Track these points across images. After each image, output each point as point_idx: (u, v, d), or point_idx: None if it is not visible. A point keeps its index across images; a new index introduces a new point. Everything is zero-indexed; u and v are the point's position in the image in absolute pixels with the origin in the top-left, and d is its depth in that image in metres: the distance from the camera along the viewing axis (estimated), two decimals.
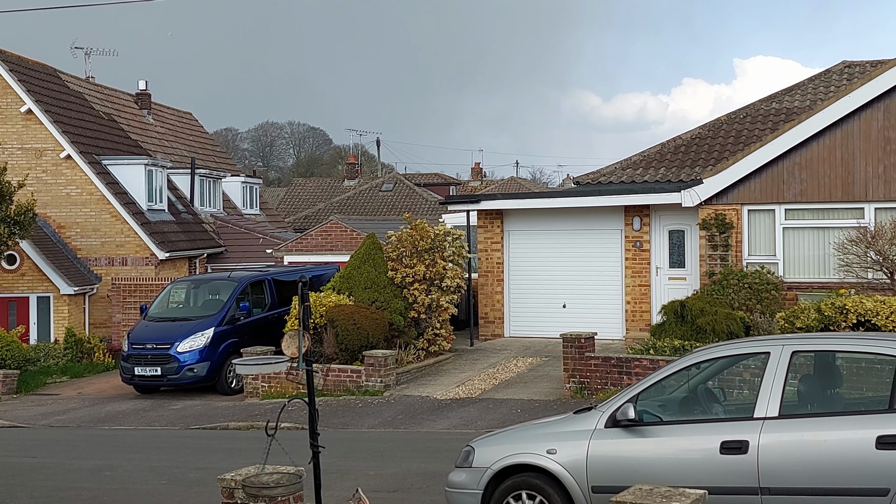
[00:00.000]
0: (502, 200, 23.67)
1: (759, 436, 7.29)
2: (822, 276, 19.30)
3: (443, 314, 20.91)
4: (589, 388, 16.80)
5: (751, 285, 18.85)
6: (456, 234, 21.71)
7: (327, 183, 58.04)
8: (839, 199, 19.38)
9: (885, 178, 19.04)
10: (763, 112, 24.02)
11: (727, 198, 20.09)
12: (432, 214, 38.38)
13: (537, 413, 14.89)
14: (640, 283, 21.97)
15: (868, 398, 7.88)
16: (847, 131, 19.26)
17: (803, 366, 7.93)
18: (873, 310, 15.53)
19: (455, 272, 21.14)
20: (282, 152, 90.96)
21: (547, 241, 22.98)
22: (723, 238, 20.02)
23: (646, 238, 21.93)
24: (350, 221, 29.23)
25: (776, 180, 19.77)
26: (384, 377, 18.28)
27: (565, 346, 17.18)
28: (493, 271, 23.36)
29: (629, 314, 22.05)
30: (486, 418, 15.47)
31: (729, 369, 8.81)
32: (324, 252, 27.32)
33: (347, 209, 45.55)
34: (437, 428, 15.28)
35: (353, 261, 20.83)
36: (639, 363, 16.41)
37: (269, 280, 22.42)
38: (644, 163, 23.77)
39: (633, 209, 21.90)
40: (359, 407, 17.19)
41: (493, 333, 23.32)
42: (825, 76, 24.71)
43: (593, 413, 8.19)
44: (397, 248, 20.97)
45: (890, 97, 18.93)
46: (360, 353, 18.71)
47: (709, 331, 17.07)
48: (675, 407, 8.26)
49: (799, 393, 7.81)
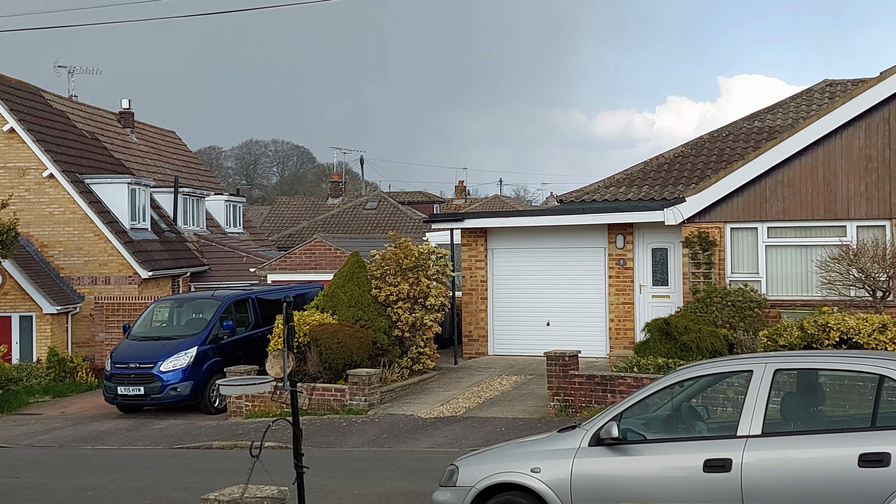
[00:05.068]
0: (486, 219, 23.71)
1: (743, 454, 7.30)
2: (804, 294, 19.38)
3: (427, 332, 20.90)
4: (573, 406, 16.80)
5: (734, 303, 18.91)
6: (440, 252, 21.72)
7: (311, 201, 58.02)
8: (821, 216, 19.49)
9: (867, 196, 19.16)
10: (745, 130, 24.17)
11: (710, 216, 20.18)
12: (416, 232, 38.39)
13: (521, 431, 14.88)
14: (624, 301, 22.02)
15: (851, 416, 7.91)
16: (829, 149, 19.39)
17: (786, 383, 7.96)
18: (856, 327, 15.60)
19: (439, 290, 21.14)
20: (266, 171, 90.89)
21: (531, 259, 23.03)
22: (706, 256, 20.09)
23: (629, 256, 21.99)
24: (334, 240, 29.21)
25: (759, 198, 19.87)
26: (368, 396, 18.23)
27: (549, 364, 17.19)
28: (477, 289, 23.37)
29: (613, 332, 22.08)
30: (470, 437, 15.44)
31: (712, 387, 8.84)
32: (307, 270, 27.28)
33: (331, 227, 45.54)
34: (422, 447, 15.24)
35: (337, 279, 20.80)
36: (623, 381, 16.43)
37: (252, 299, 22.36)
38: (627, 181, 23.86)
39: (617, 227, 21.96)
40: (343, 426, 17.13)
41: (477, 351, 23.30)
42: (807, 95, 24.89)
43: (577, 431, 8.19)
44: (381, 267, 20.96)
45: (871, 116, 19.08)
46: (344, 372, 18.66)
47: (693, 349, 17.10)
48: (658, 425, 8.27)
49: (782, 411, 7.83)
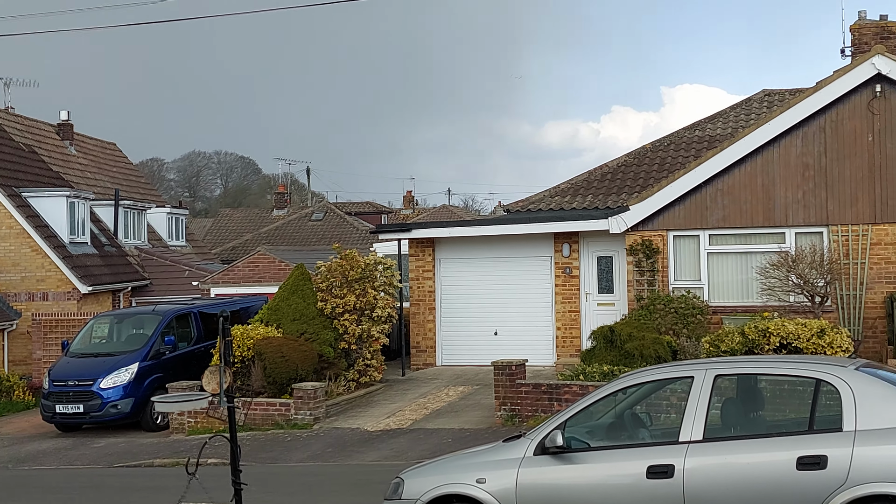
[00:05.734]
0: (433, 229, 23.70)
1: (685, 459, 7.34)
2: (745, 300, 19.63)
3: (374, 344, 20.79)
4: (520, 415, 16.81)
5: (677, 310, 19.09)
6: (387, 262, 21.64)
7: (255, 213, 57.54)
8: (760, 224, 19.77)
9: (804, 204, 19.47)
10: (686, 140, 24.45)
11: (653, 224, 20.36)
12: (363, 243, 38.27)
13: (468, 442, 14.84)
14: (570, 309, 22.12)
15: (789, 420, 8.00)
16: (767, 158, 19.68)
17: (726, 389, 8.03)
18: (795, 332, 15.81)
19: (386, 301, 21.05)
20: (209, 182, 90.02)
21: (478, 269, 23.05)
22: (649, 263, 20.27)
23: (575, 264, 22.11)
24: (278, 252, 29.00)
25: (700, 206, 20.10)
26: (313, 410, 18.08)
27: (496, 374, 17.19)
28: (425, 300, 23.33)
29: (560, 340, 22.18)
30: (416, 449, 15.36)
31: (655, 394, 8.89)
32: (251, 283, 27.04)
33: (276, 239, 45.21)
34: (367, 460, 15.14)
35: (282, 292, 20.63)
36: (569, 389, 16.47)
37: (195, 313, 22.09)
38: (572, 190, 24.01)
39: (563, 236, 22.08)
40: (287, 441, 16.96)
41: (424, 362, 23.25)
42: (746, 104, 25.26)
43: (522, 441, 8.18)
44: (327, 279, 20.82)
45: (808, 125, 19.40)
46: (289, 386, 18.49)
47: (637, 355, 17.22)
48: (602, 433, 8.29)
49: (722, 416, 7.89)
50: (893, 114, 18.95)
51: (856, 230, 19.11)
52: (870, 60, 18.83)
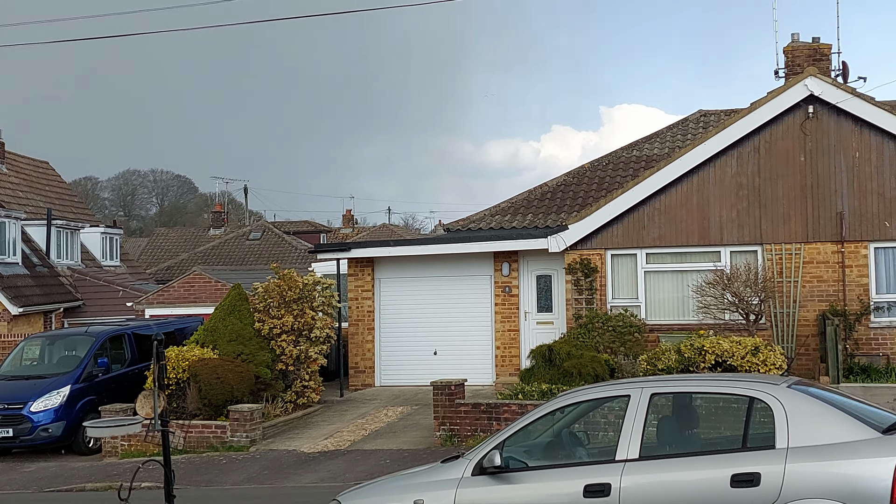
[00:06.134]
0: (373, 248, 23.60)
1: (621, 478, 7.34)
2: (682, 318, 19.83)
3: (312, 365, 20.61)
4: (459, 435, 16.76)
5: (615, 328, 19.22)
6: (326, 282, 21.49)
7: (192, 232, 56.84)
8: (696, 243, 20.02)
9: (739, 223, 19.76)
10: (625, 159, 24.71)
11: (592, 243, 20.51)
12: (302, 263, 38.00)
13: (407, 463, 14.73)
14: (510, 328, 22.16)
15: (724, 437, 8.04)
16: (703, 178, 19.95)
17: (662, 407, 8.05)
18: (730, 350, 15.99)
19: (325, 322, 20.89)
20: (144, 201, 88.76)
21: (418, 289, 23.00)
22: (588, 282, 20.40)
23: (515, 283, 22.17)
24: (214, 272, 28.65)
25: (637, 225, 20.30)
26: (250, 432, 17.85)
27: (435, 394, 17.13)
28: (364, 320, 23.20)
29: (499, 359, 22.19)
30: (354, 470, 15.22)
31: (592, 412, 8.90)
32: (187, 304, 26.66)
33: (213, 259, 44.70)
34: (305, 482, 14.95)
35: (218, 312, 20.36)
36: (508, 408, 16.47)
37: (128, 334, 21.71)
38: (512, 209, 24.11)
39: (502, 255, 22.14)
40: (223, 463, 16.70)
41: (363, 383, 23.10)
42: (682, 125, 25.62)
43: (461, 461, 8.12)
44: (264, 299, 20.60)
45: (742, 145, 19.72)
46: (225, 408, 18.23)
47: (575, 374, 17.29)
48: (540, 452, 8.27)
49: (658, 434, 7.92)
50: (825, 135, 19.34)
51: (789, 249, 19.43)
52: (802, 82, 19.21)
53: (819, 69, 19.90)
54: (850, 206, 19.20)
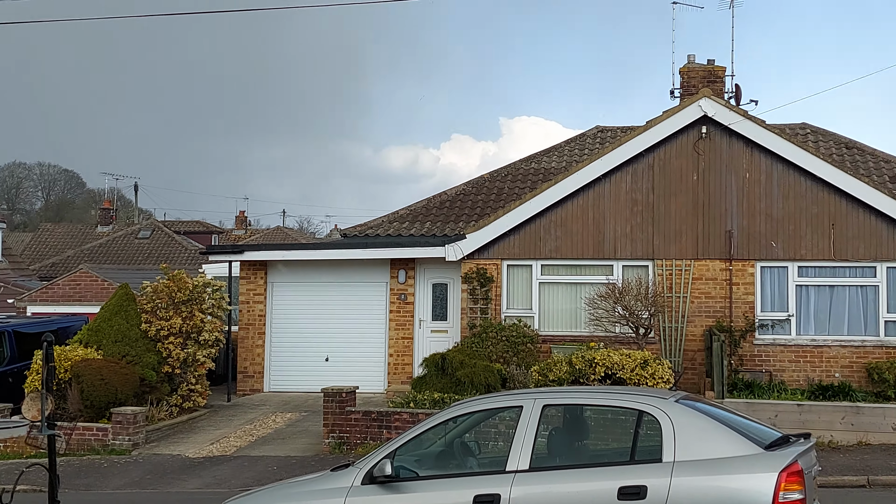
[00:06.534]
0: (267, 251, 23.24)
1: (511, 489, 7.34)
2: (574, 330, 20.07)
3: (199, 369, 20.18)
4: (349, 442, 16.61)
5: (508, 338, 19.33)
6: (216, 285, 21.08)
7: (79, 229, 55.16)
8: (591, 256, 20.29)
9: (632, 238, 20.11)
10: (523, 171, 24.93)
11: (488, 253, 20.61)
12: (192, 264, 37.25)
13: (295, 470, 14.53)
14: (404, 336, 22.10)
15: (612, 450, 8.12)
16: (599, 192, 20.25)
17: (554, 419, 8.10)
18: (619, 363, 16.24)
19: (214, 325, 20.49)
20: (29, 195, 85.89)
21: (312, 294, 22.74)
22: (483, 292, 20.48)
23: (410, 291, 22.12)
24: (101, 270, 27.87)
25: (534, 237, 20.48)
26: (133, 435, 17.37)
27: (326, 401, 16.94)
28: (255, 324, 22.84)
29: (392, 367, 22.10)
30: (240, 477, 14.94)
31: (484, 422, 8.90)
32: (72, 302, 25.88)
33: (100, 257, 43.48)
34: (189, 488, 14.61)
35: (104, 312, 19.78)
36: (399, 416, 16.40)
37: (8, 332, 20.95)
38: (411, 217, 24.07)
39: (399, 262, 22.07)
40: (104, 467, 16.21)
41: (252, 388, 22.73)
42: (580, 139, 25.98)
43: (351, 470, 8.02)
44: (152, 300, 20.10)
45: (637, 162, 20.08)
46: (108, 410, 17.71)
47: (467, 383, 17.32)
48: (431, 461, 8.22)
49: (549, 446, 7.95)
50: (717, 154, 19.84)
51: (679, 265, 19.85)
52: (697, 103, 19.67)
53: (713, 91, 20.42)
54: (739, 225, 19.72)
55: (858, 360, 19.07)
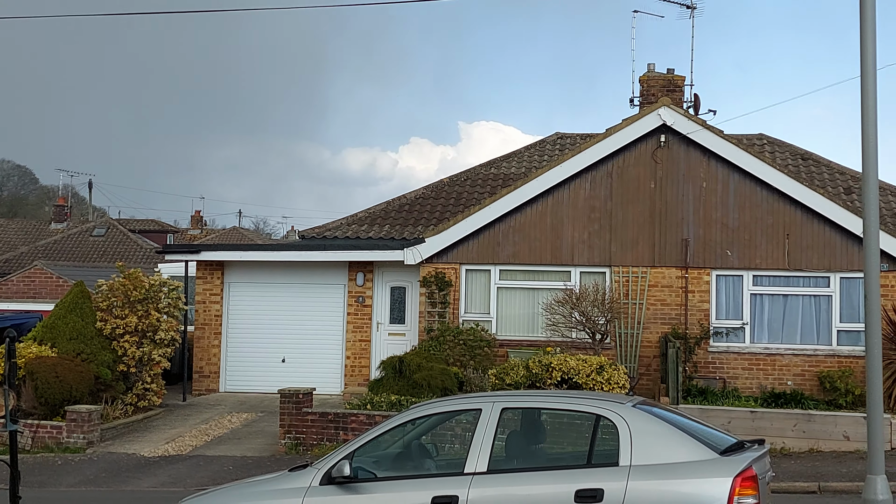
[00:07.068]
0: (224, 252, 23.15)
1: (468, 491, 7.41)
2: (531, 335, 20.21)
3: (155, 368, 20.05)
4: (305, 444, 16.60)
5: (465, 342, 19.42)
6: (173, 284, 20.96)
7: (32, 225, 54.43)
8: (548, 261, 20.44)
9: (590, 244, 20.29)
10: (483, 176, 25.05)
11: (447, 257, 20.69)
12: (147, 263, 36.92)
13: (250, 470, 14.51)
14: (361, 339, 22.10)
15: (569, 453, 8.23)
16: (557, 199, 20.41)
17: (512, 422, 8.18)
18: (576, 368, 16.39)
19: (170, 324, 20.35)
20: None
21: (269, 295, 22.66)
22: (442, 295, 20.55)
23: (368, 294, 22.13)
24: (56, 268, 27.60)
25: (492, 242, 20.59)
26: (87, 433, 17.23)
27: (282, 402, 16.92)
28: (211, 324, 22.73)
29: (349, 369, 22.10)
30: (196, 476, 14.89)
31: (443, 425, 8.97)
32: (26, 299, 25.60)
33: (55, 254, 42.97)
34: (143, 486, 14.53)
35: (59, 310, 19.58)
36: (356, 418, 16.42)
37: None
38: (369, 219, 24.09)
39: (358, 265, 22.07)
40: (58, 465, 16.07)
41: (207, 388, 22.61)
42: (540, 146, 26.16)
43: (309, 470, 8.05)
44: (108, 298, 19.94)
45: (596, 169, 20.26)
46: (63, 408, 17.55)
47: (424, 386, 17.38)
48: (389, 463, 8.27)
49: (507, 448, 8.03)
50: (674, 163, 20.07)
51: (636, 272, 20.06)
52: (656, 111, 19.90)
53: (672, 100, 20.65)
54: (695, 233, 19.97)
55: (811, 368, 19.38)
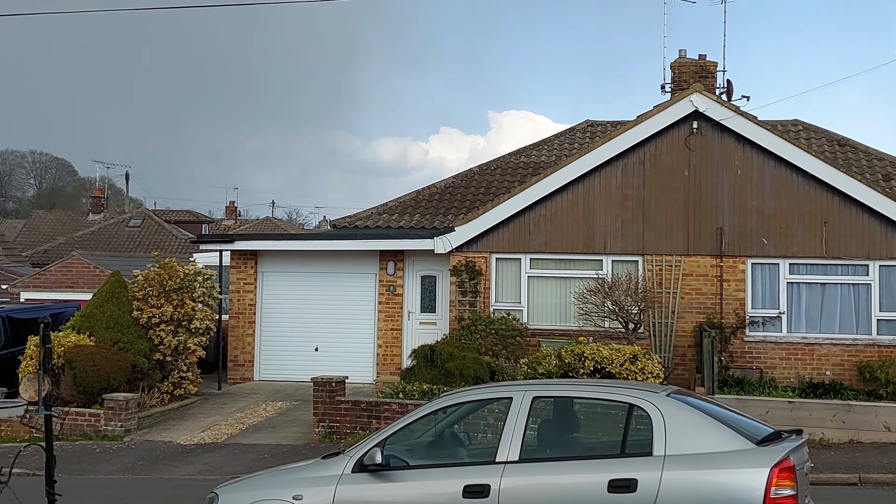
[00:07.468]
0: (257, 241, 23.31)
1: (501, 479, 7.41)
2: (563, 324, 20.15)
3: (190, 356, 20.24)
4: (338, 432, 16.70)
5: (497, 331, 19.41)
6: (207, 273, 21.14)
7: (70, 216, 55.13)
8: (580, 250, 20.36)
9: (623, 233, 20.19)
10: (512, 165, 25.00)
11: (477, 245, 20.68)
12: (182, 252, 37.24)
13: (285, 458, 14.62)
14: (393, 327, 22.18)
15: (603, 443, 8.20)
16: (588, 186, 20.32)
17: (544, 411, 8.17)
18: (608, 357, 16.33)
19: (205, 313, 20.53)
20: (21, 182, 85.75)
21: (302, 284, 22.79)
22: (472, 284, 20.55)
23: (399, 283, 22.19)
24: (94, 257, 27.88)
25: (523, 230, 20.55)
26: (125, 421, 17.43)
27: (316, 390, 17.02)
28: (245, 313, 22.89)
29: (381, 358, 22.18)
30: (231, 464, 15.02)
31: (474, 414, 8.97)
32: (64, 289, 25.90)
33: (92, 244, 43.44)
34: (180, 474, 14.69)
35: (96, 299, 19.82)
36: (388, 407, 16.49)
37: (3, 317, 20.99)
38: (400, 209, 24.13)
39: (388, 254, 22.13)
40: (97, 452, 16.28)
41: (242, 377, 22.79)
42: (570, 133, 26.05)
43: (341, 458, 8.10)
44: (144, 288, 20.15)
45: (628, 157, 20.15)
46: (100, 396, 17.77)
47: (456, 375, 17.41)
48: (422, 451, 8.29)
49: (539, 437, 8.01)
50: (708, 150, 19.90)
51: (669, 260, 19.94)
52: (688, 98, 19.73)
53: (705, 86, 20.46)
54: (730, 221, 19.81)
55: (850, 358, 19.14)
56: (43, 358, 7.45)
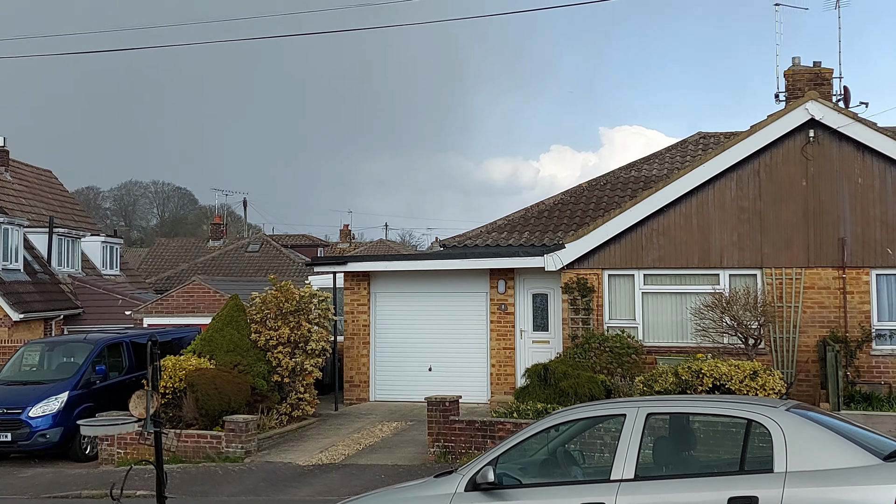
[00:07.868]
0: (369, 262, 23.59)
1: (616, 498, 7.30)
2: (679, 341, 19.78)
3: (307, 378, 20.56)
4: (453, 451, 16.70)
5: (612, 349, 19.18)
6: (322, 295, 21.46)
7: (191, 243, 56.90)
8: (696, 265, 19.98)
9: (740, 246, 19.74)
10: (623, 179, 24.72)
11: (588, 262, 20.49)
12: (299, 276, 37.96)
13: (401, 478, 14.69)
14: (505, 346, 22.12)
15: (721, 460, 7.99)
16: (702, 199, 19.95)
17: (658, 428, 8.01)
18: (727, 374, 15.94)
19: (320, 335, 20.84)
20: (145, 212, 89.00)
21: (413, 304, 22.96)
22: (584, 302, 20.36)
23: (510, 301, 22.14)
24: (213, 282, 28.63)
25: (635, 246, 20.28)
26: (245, 443, 17.78)
27: (430, 410, 17.07)
28: (360, 334, 23.16)
29: (494, 377, 22.14)
30: (349, 485, 15.16)
31: (588, 432, 8.86)
32: (185, 314, 26.64)
33: (212, 270, 44.68)
34: (300, 495, 14.89)
35: (216, 323, 20.33)
36: (502, 426, 16.41)
37: (126, 342, 21.68)
38: (509, 227, 24.10)
39: (499, 272, 22.11)
40: (219, 474, 16.64)
41: (358, 397, 23.04)
42: (681, 146, 25.63)
43: (454, 476, 8.09)
44: (261, 310, 20.57)
45: (743, 168, 19.72)
46: (221, 418, 18.18)
47: (571, 394, 17.24)
48: (534, 469, 8.23)
49: (654, 455, 7.87)
50: (827, 160, 19.33)
51: (789, 273, 19.40)
52: (803, 106, 19.21)
53: (820, 93, 19.90)
54: (852, 232, 19.18)
55: None
56: (151, 375, 7.64)
